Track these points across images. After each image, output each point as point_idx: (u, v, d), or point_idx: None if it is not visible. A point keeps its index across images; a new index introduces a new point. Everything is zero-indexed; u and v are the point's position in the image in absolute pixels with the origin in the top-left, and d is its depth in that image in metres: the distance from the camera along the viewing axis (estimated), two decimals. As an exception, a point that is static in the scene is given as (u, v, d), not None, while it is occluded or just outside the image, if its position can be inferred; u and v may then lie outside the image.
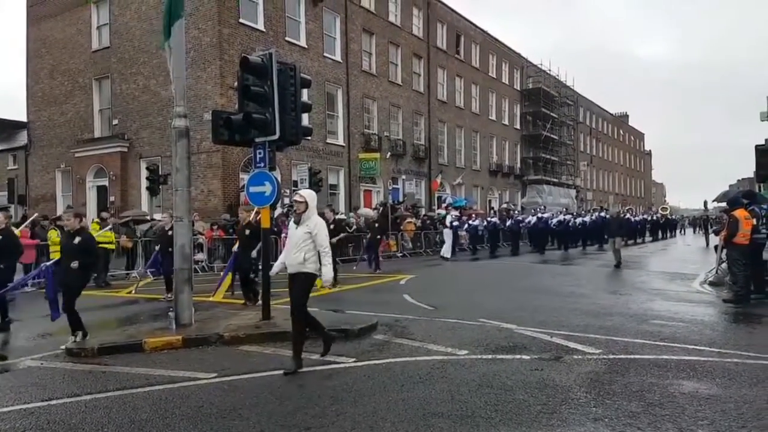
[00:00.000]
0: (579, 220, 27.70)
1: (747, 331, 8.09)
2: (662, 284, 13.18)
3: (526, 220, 25.75)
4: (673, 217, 48.40)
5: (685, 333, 7.46)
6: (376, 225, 16.75)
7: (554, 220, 25.65)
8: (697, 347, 6.62)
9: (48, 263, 8.67)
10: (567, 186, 48.88)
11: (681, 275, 15.02)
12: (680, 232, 44.55)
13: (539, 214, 25.60)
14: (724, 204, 12.95)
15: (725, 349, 6.52)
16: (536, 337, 7.14)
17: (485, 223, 24.61)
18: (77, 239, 7.29)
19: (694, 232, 49.13)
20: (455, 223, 22.44)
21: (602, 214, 28.44)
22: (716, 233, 14.21)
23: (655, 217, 39.31)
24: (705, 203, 23.53)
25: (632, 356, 6.23)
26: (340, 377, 5.64)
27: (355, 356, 6.36)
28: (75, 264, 7.12)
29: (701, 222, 37.14)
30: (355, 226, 20.78)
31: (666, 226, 40.66)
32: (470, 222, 23.94)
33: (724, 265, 11.95)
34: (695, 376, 5.43)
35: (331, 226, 11.94)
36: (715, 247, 12.97)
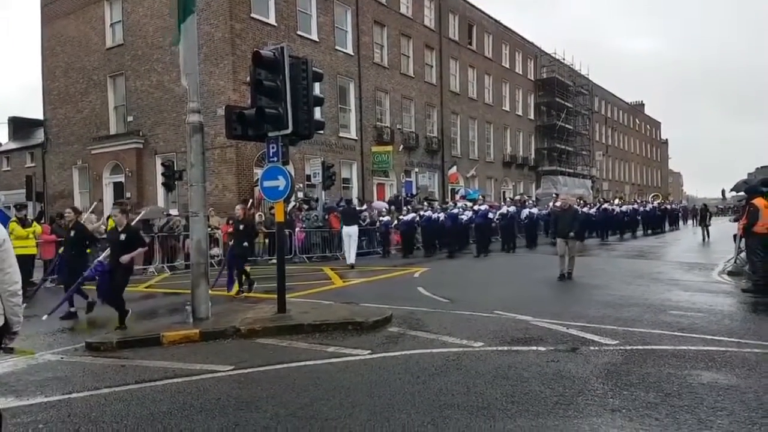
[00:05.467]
0: (525, 212, 23.33)
1: (767, 320, 7.98)
2: (680, 274, 13.04)
3: (464, 215, 20.56)
4: (674, 206, 40.66)
5: (703, 323, 7.38)
6: (241, 228, 10.84)
7: (497, 213, 21.59)
8: (716, 337, 6.55)
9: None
10: (582, 176, 48.45)
11: (699, 265, 14.86)
12: (670, 225, 35.55)
13: (476, 206, 20.51)
14: (742, 193, 12.72)
15: (744, 339, 6.45)
16: (552, 329, 7.11)
17: (419, 217, 19.92)
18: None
19: (685, 223, 42.14)
20: (384, 218, 19.86)
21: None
22: (736, 221, 14.00)
23: (648, 208, 31.96)
24: (723, 192, 22.98)
25: (650, 347, 6.18)
26: (356, 369, 5.66)
27: (369, 348, 6.38)
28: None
29: (699, 213, 30.64)
30: (368, 220, 20.83)
31: (663, 218, 33.45)
32: (401, 217, 20.05)
33: (743, 255, 11.79)
34: (714, 367, 5.38)
35: (122, 237, 7.97)
36: (734, 236, 12.79)
